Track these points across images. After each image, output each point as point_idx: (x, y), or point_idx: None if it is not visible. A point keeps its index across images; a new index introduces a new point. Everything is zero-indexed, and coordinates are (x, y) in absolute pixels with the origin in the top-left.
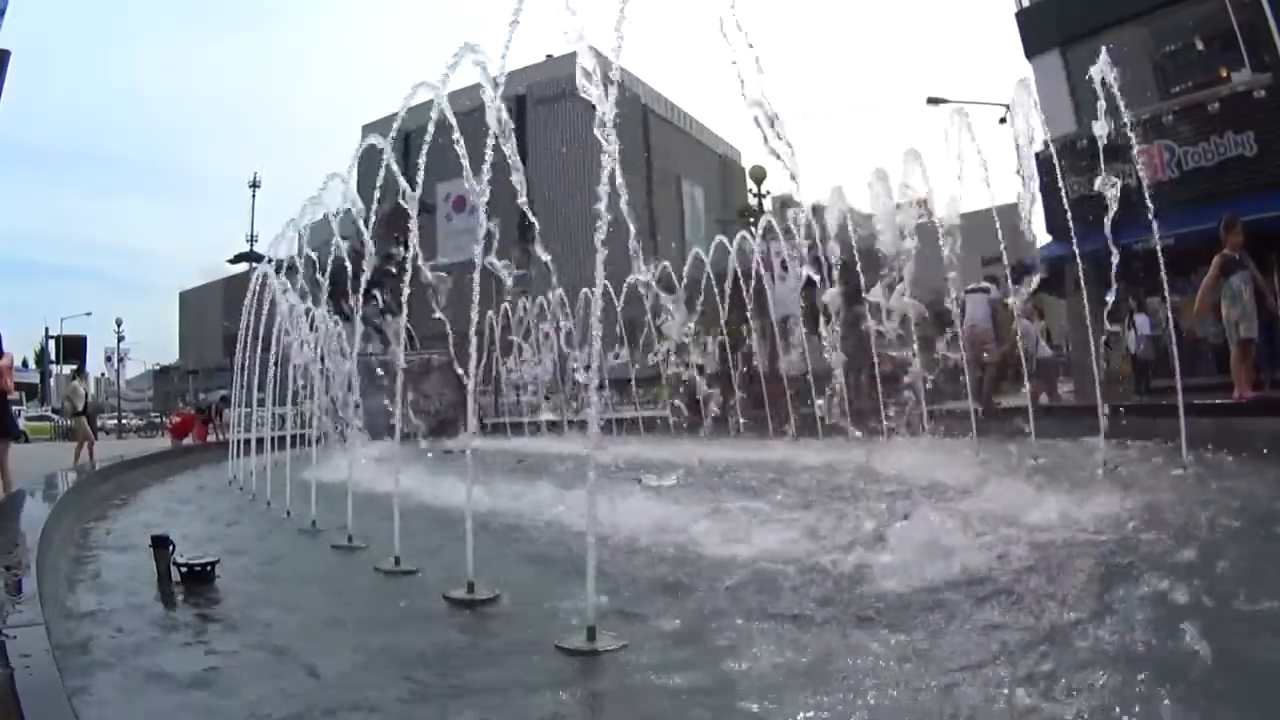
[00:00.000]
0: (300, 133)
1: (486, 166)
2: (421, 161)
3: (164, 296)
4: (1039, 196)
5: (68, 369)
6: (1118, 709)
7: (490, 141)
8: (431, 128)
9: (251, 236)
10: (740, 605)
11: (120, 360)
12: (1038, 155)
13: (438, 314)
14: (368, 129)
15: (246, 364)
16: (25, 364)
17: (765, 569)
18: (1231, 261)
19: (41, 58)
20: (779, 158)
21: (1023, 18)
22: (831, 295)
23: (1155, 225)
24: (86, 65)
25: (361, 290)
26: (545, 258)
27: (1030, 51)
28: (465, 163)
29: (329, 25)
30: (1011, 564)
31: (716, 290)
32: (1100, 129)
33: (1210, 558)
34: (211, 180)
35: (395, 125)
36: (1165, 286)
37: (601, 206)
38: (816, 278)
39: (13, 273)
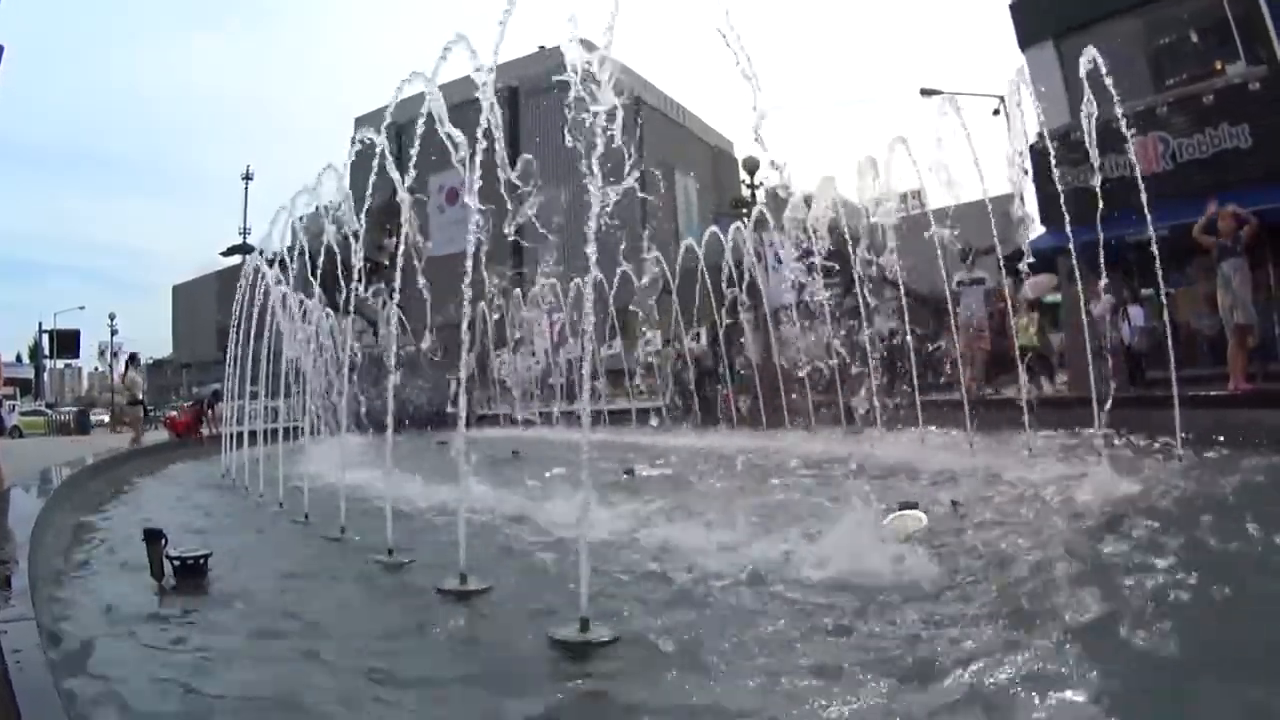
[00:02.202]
0: (299, 132)
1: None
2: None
3: (157, 290)
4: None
5: (123, 361)
6: None
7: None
8: (423, 121)
9: (244, 229)
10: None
11: (114, 355)
12: (1032, 147)
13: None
14: (361, 121)
15: (239, 356)
16: (19, 359)
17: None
18: (1224, 249)
19: (40, 57)
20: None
21: (1017, 9)
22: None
23: (1149, 217)
24: (85, 65)
25: (353, 282)
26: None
27: (1024, 43)
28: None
29: (328, 24)
30: None
31: (710, 283)
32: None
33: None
34: (210, 179)
35: (387, 118)
36: (1160, 278)
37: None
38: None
39: (10, 272)
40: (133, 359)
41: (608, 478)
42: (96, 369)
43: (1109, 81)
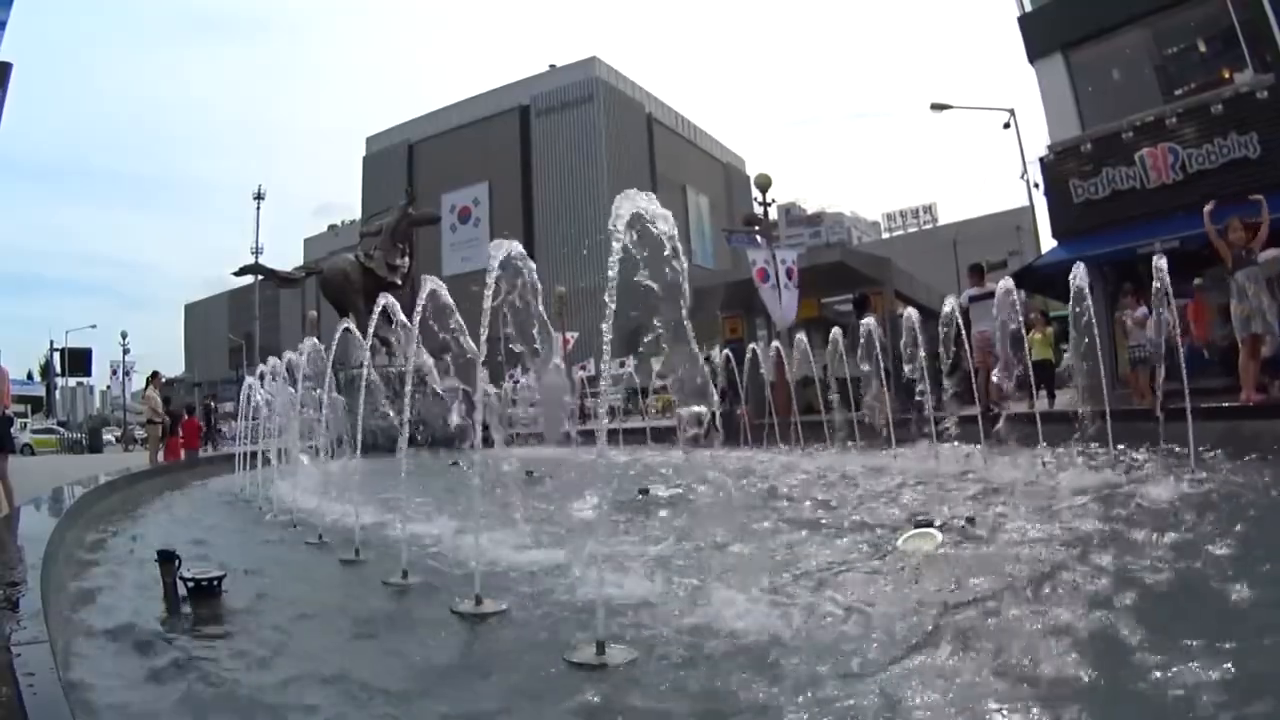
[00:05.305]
0: (304, 135)
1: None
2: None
3: (169, 309)
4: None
5: (143, 378)
6: None
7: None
8: (435, 139)
9: (256, 249)
10: None
11: (126, 373)
12: (1042, 159)
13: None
14: (372, 141)
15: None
16: (30, 377)
17: None
18: (1239, 258)
19: (42, 70)
20: None
21: (1025, 22)
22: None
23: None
24: (89, 80)
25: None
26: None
27: (1033, 55)
28: None
29: (330, 35)
30: None
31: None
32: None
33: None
34: (214, 192)
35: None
36: (1170, 289)
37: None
38: None
39: (16, 287)
40: (154, 377)
41: (622, 498)
42: (108, 388)
43: (1118, 93)
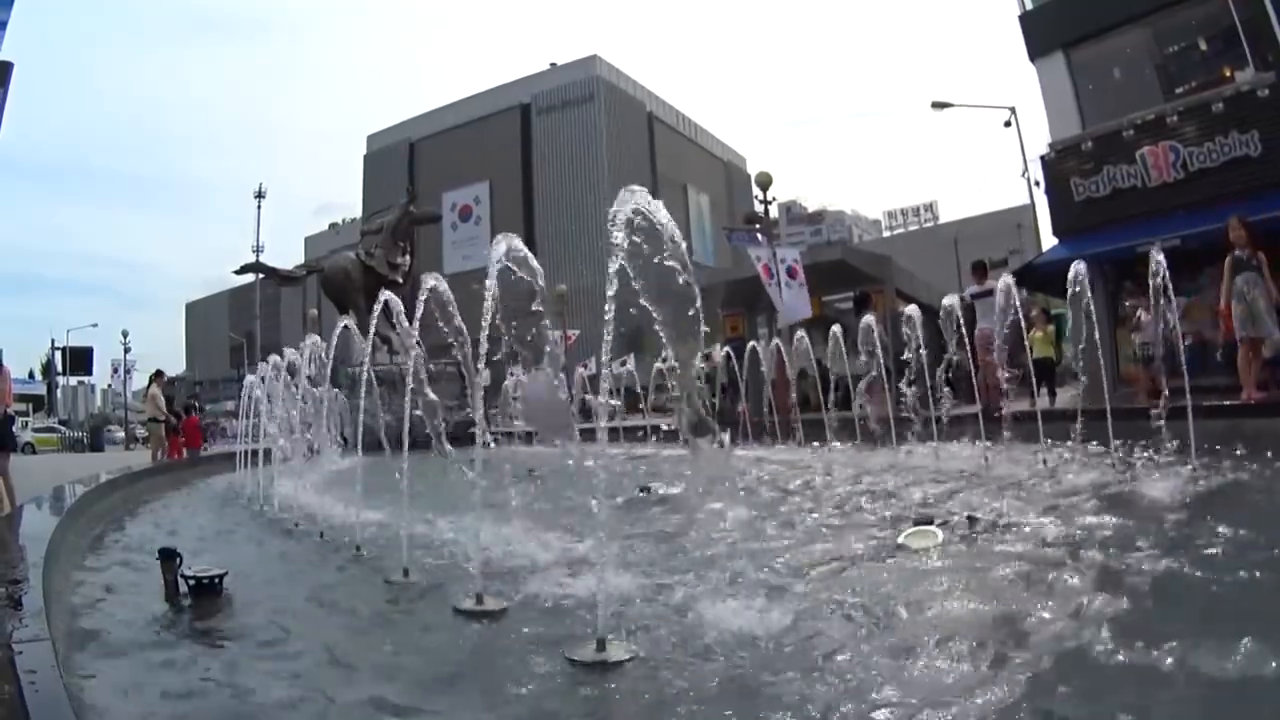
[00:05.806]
0: (304, 134)
1: None
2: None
3: (169, 308)
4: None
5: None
6: None
7: None
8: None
9: (257, 247)
10: None
11: (127, 372)
12: (1043, 157)
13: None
14: (373, 139)
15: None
16: (31, 376)
17: None
18: (1239, 262)
19: (42, 70)
20: None
21: (1026, 20)
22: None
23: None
24: (89, 80)
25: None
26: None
27: (1034, 54)
28: None
29: (330, 35)
30: None
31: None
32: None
33: None
34: (214, 192)
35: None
36: (1170, 288)
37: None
38: None
39: (17, 287)
40: (157, 376)
41: (624, 495)
42: (109, 386)
43: (1119, 91)
